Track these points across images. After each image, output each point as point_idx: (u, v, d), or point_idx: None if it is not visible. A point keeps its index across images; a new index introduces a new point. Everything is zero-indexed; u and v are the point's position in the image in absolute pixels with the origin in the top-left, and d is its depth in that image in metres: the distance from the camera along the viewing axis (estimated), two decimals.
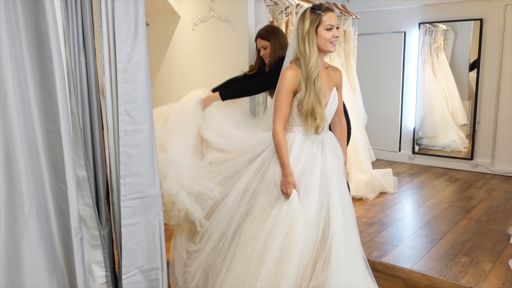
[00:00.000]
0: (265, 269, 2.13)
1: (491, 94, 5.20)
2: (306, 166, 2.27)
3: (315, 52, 2.21)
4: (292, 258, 2.13)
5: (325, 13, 2.21)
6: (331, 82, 2.37)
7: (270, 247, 2.15)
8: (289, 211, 2.19)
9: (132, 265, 2.06)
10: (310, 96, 2.20)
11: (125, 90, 1.96)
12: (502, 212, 3.90)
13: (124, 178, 1.99)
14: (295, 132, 2.31)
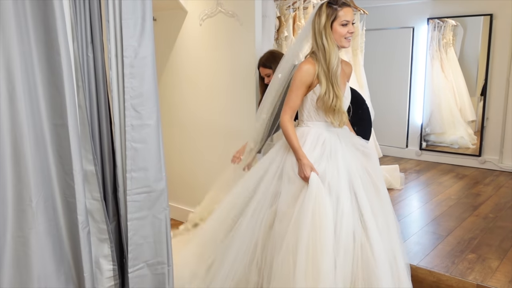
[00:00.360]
0: (300, 264, 2.07)
1: (500, 90, 5.15)
2: (329, 155, 2.25)
3: (335, 47, 2.20)
4: (324, 245, 2.06)
5: (342, 8, 2.19)
6: (344, 76, 2.37)
7: (300, 237, 2.09)
8: (311, 193, 2.14)
9: (138, 258, 2.07)
10: (333, 91, 2.19)
11: (131, 85, 1.96)
12: (510, 209, 3.87)
13: (131, 172, 2.00)
14: (310, 126, 2.31)
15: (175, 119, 3.82)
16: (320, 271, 2.05)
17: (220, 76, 3.45)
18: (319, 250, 2.07)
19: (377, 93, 5.58)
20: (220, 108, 3.49)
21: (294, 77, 2.26)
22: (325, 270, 2.05)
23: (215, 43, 3.42)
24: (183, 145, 3.82)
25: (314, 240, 2.09)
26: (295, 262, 2.09)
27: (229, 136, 3.46)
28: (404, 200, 4.19)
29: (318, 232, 2.09)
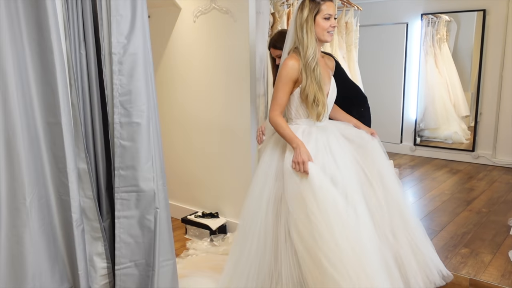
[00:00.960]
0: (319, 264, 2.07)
1: (493, 85, 5.18)
2: (324, 150, 2.24)
3: (313, 40, 2.21)
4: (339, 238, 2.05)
5: (324, 2, 2.21)
6: (328, 70, 2.39)
7: (314, 233, 2.07)
8: (312, 180, 2.12)
9: (126, 257, 2.05)
10: (313, 84, 2.20)
11: (120, 82, 1.96)
12: (503, 203, 3.91)
13: (119, 170, 2.00)
14: (299, 124, 2.31)
15: (169, 117, 3.82)
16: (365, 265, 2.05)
17: (214, 72, 3.45)
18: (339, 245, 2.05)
19: (371, 88, 5.58)
20: (215, 105, 3.49)
21: (279, 73, 2.25)
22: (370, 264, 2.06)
23: (209, 40, 3.42)
24: (177, 143, 3.82)
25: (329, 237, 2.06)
26: (314, 262, 2.07)
27: (225, 133, 3.46)
28: None
29: (334, 226, 2.06)
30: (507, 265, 2.75)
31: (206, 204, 3.68)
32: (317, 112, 2.23)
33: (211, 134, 3.56)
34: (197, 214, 3.55)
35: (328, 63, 2.42)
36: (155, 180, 2.03)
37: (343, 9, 4.58)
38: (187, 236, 3.51)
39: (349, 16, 4.60)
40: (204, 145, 3.63)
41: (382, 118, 5.89)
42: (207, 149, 3.61)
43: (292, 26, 2.29)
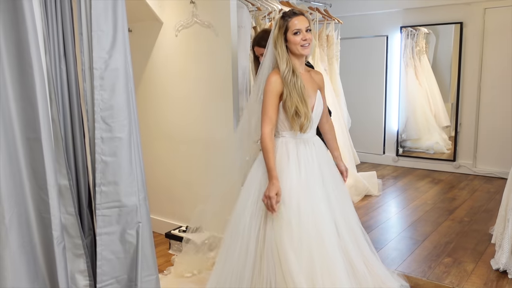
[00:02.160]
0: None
1: (472, 96, 5.29)
2: (307, 168, 2.31)
3: (284, 55, 2.28)
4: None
5: (291, 18, 2.28)
6: (314, 84, 2.42)
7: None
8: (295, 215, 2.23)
9: (107, 274, 2.02)
10: (293, 97, 2.25)
11: (101, 97, 1.95)
12: (484, 212, 3.96)
13: (100, 186, 1.98)
14: (286, 137, 2.35)
15: (152, 130, 3.80)
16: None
17: (197, 86, 3.45)
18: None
19: (353, 100, 5.66)
20: (198, 118, 3.49)
21: (264, 90, 2.30)
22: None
23: (191, 54, 3.42)
24: (161, 156, 3.80)
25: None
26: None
27: (207, 147, 3.46)
28: (382, 206, 4.25)
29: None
30: (489, 273, 2.78)
31: (190, 218, 3.64)
32: (300, 123, 2.27)
33: (194, 148, 3.55)
34: (181, 229, 3.52)
35: (314, 77, 2.45)
36: (137, 194, 2.02)
37: (324, 23, 4.65)
38: (170, 251, 3.47)
39: (330, 29, 4.67)
40: (187, 158, 3.61)
41: (365, 129, 5.96)
42: (190, 162, 3.60)
43: (270, 43, 2.36)
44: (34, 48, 1.81)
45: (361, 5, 5.76)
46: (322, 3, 4.67)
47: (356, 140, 5.40)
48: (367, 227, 3.66)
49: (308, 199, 2.25)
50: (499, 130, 5.09)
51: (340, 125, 4.58)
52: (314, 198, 2.27)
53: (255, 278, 2.24)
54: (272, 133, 2.30)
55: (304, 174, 2.29)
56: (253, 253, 2.26)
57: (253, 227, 2.28)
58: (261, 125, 2.30)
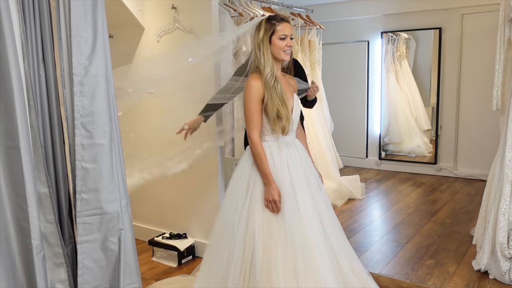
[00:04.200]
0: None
1: (451, 99, 5.38)
2: (292, 170, 2.32)
3: (269, 59, 2.28)
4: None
5: (279, 23, 2.29)
6: (290, 87, 2.45)
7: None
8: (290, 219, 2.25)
9: (88, 283, 1.99)
10: (274, 100, 2.26)
11: (81, 103, 1.92)
12: (465, 214, 4.02)
13: (81, 193, 1.95)
14: (268, 141, 2.35)
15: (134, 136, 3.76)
16: None
17: (179, 92, 3.43)
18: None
19: (336, 105, 5.71)
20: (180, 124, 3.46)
21: (245, 95, 2.30)
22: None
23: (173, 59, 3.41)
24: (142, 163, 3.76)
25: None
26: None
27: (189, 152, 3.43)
28: (365, 209, 4.27)
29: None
30: (471, 274, 2.82)
31: (174, 225, 3.62)
32: (282, 126, 2.29)
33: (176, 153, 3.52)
34: (165, 236, 3.49)
35: (290, 82, 2.47)
36: (118, 201, 1.99)
37: (306, 28, 4.68)
38: (154, 258, 3.44)
39: (312, 35, 4.70)
40: None
41: (347, 133, 6.01)
42: None
43: (253, 46, 2.36)
44: (12, 54, 1.78)
45: (342, 11, 5.82)
46: (304, 9, 4.70)
47: (339, 144, 5.43)
48: (351, 230, 3.68)
49: (294, 201, 2.26)
50: (479, 133, 5.18)
51: (323, 129, 4.60)
52: (300, 200, 2.27)
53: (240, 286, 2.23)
54: (260, 138, 2.31)
55: (289, 176, 2.29)
56: (240, 256, 2.24)
57: (240, 234, 2.27)
58: (248, 132, 2.30)
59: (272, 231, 2.21)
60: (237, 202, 2.32)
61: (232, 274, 2.24)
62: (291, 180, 2.29)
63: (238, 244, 2.25)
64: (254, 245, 2.20)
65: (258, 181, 2.29)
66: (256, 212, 2.25)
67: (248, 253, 2.23)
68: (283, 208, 2.24)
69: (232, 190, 2.38)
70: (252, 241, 2.22)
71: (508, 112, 2.71)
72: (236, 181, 2.37)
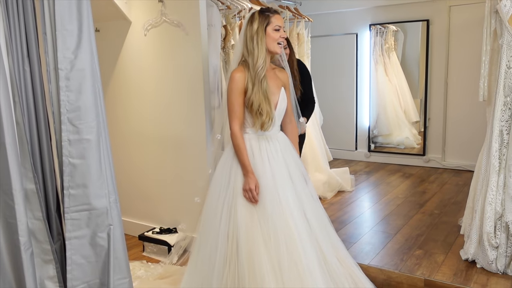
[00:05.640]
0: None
1: (439, 91, 5.42)
2: (272, 163, 2.32)
3: (263, 51, 2.28)
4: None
5: (274, 14, 2.30)
6: (279, 82, 2.43)
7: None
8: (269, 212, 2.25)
9: (78, 279, 1.97)
10: (258, 94, 2.26)
11: (68, 98, 1.90)
12: (453, 204, 4.06)
13: (68, 189, 1.93)
14: (249, 133, 2.36)
15: (122, 131, 3.74)
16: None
17: (168, 86, 3.41)
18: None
19: (325, 98, 5.72)
20: (169, 118, 3.46)
21: (228, 87, 2.32)
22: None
23: (161, 53, 3.39)
24: (131, 158, 3.74)
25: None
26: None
27: (179, 146, 3.43)
28: (355, 201, 4.30)
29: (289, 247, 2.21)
30: (459, 264, 2.85)
31: (164, 219, 3.61)
32: (261, 121, 2.29)
33: (166, 148, 3.51)
34: (155, 230, 3.48)
35: (279, 75, 2.46)
36: (107, 197, 1.98)
37: (294, 21, 4.67)
38: (144, 253, 3.43)
39: (301, 28, 4.70)
40: (159, 158, 3.58)
41: (337, 126, 6.03)
42: (162, 163, 3.56)
43: (240, 39, 2.34)
44: None
45: (331, 3, 5.82)
46: (292, 2, 4.69)
47: (329, 137, 5.46)
48: (341, 222, 3.70)
49: (275, 193, 2.27)
50: (466, 125, 5.23)
51: (312, 122, 4.61)
52: (281, 192, 2.28)
53: (225, 275, 2.26)
54: (241, 130, 2.33)
55: (270, 169, 2.31)
56: (225, 245, 2.28)
57: (223, 223, 2.30)
58: (229, 123, 2.32)
59: (254, 222, 2.24)
60: (219, 192, 2.36)
61: (218, 262, 2.27)
62: (272, 172, 2.30)
63: (222, 233, 2.28)
64: (237, 235, 2.23)
65: (239, 172, 2.32)
66: (238, 203, 2.28)
67: (232, 242, 2.26)
68: (265, 200, 2.25)
69: (215, 181, 2.41)
70: (235, 230, 2.25)
71: (494, 103, 2.74)
72: (219, 172, 2.40)
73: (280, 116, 2.43)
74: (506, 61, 2.66)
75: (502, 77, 2.68)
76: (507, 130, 2.70)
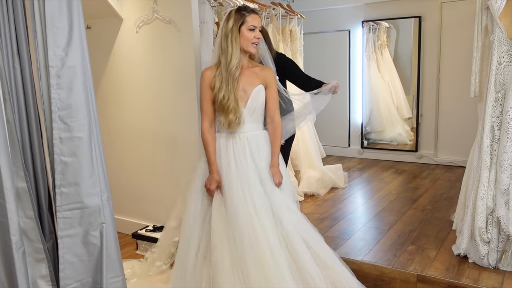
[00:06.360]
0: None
1: (431, 88, 5.45)
2: (238, 163, 2.33)
3: (237, 49, 2.27)
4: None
5: (249, 14, 2.28)
6: (256, 79, 2.37)
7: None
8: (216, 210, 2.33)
9: (71, 278, 1.97)
10: (226, 92, 2.26)
11: (58, 96, 1.89)
12: (445, 200, 4.09)
13: (60, 188, 1.92)
14: (220, 131, 2.39)
15: (114, 129, 3.72)
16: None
17: (160, 83, 3.40)
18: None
19: None
20: (161, 115, 3.45)
21: (200, 85, 2.39)
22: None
23: (153, 50, 3.37)
24: (124, 155, 3.73)
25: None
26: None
27: (172, 144, 3.42)
28: (348, 198, 4.31)
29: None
30: (451, 259, 2.87)
31: (157, 217, 3.60)
32: (228, 119, 2.30)
33: (158, 145, 3.50)
34: (148, 228, 3.47)
35: (259, 73, 2.39)
36: (99, 195, 1.97)
37: (287, 18, 4.66)
38: (138, 251, 3.42)
39: (293, 24, 4.69)
40: (152, 156, 3.56)
41: (330, 123, 6.03)
42: (155, 160, 3.55)
43: (218, 37, 2.35)
44: None
45: (323, 0, 5.82)
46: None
47: (322, 134, 5.46)
48: (334, 218, 3.71)
49: (241, 193, 2.28)
50: (458, 121, 5.26)
51: None
52: (247, 193, 2.27)
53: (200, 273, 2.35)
54: (210, 128, 2.37)
55: (236, 169, 2.31)
56: (196, 248, 2.36)
57: (198, 223, 2.39)
58: (201, 121, 2.39)
59: (223, 222, 2.28)
60: (198, 193, 2.43)
61: (191, 252, 2.37)
62: (238, 172, 2.31)
63: (198, 227, 2.38)
64: (211, 234, 2.31)
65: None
66: (213, 203, 2.34)
67: (207, 241, 2.34)
68: (228, 200, 2.29)
69: (195, 177, 2.47)
70: (209, 230, 2.33)
71: (485, 99, 2.75)
72: (199, 169, 2.46)
73: (252, 114, 2.37)
74: (497, 57, 2.68)
75: (493, 73, 2.70)
76: (498, 126, 2.71)
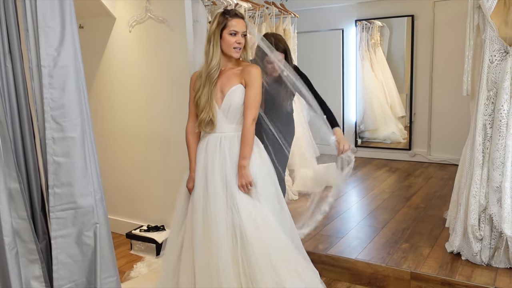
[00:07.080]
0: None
1: (424, 86, 5.47)
2: (209, 166, 2.34)
3: (217, 53, 2.27)
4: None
5: (232, 18, 2.26)
6: (235, 78, 2.32)
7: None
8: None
9: (65, 278, 1.96)
10: (201, 93, 2.29)
11: (51, 96, 1.88)
12: (438, 198, 4.11)
13: (53, 188, 1.91)
14: (203, 132, 2.42)
15: (107, 130, 3.71)
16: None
17: (153, 82, 3.39)
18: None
19: None
20: (155, 115, 3.44)
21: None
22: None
23: (146, 50, 3.36)
24: (118, 155, 3.72)
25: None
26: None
27: (165, 143, 3.41)
28: (342, 196, 4.33)
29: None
30: (444, 256, 2.89)
31: (151, 217, 3.60)
32: (199, 119, 2.33)
33: (152, 145, 3.50)
34: (142, 228, 3.46)
35: (239, 72, 2.31)
36: (93, 195, 1.96)
37: (280, 17, 4.66)
38: (132, 251, 3.41)
39: (287, 23, 4.69)
40: (145, 156, 3.55)
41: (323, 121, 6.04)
42: (149, 160, 3.54)
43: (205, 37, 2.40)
44: None
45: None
46: None
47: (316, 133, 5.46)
48: (328, 217, 3.72)
49: (200, 200, 2.31)
50: (451, 119, 5.29)
51: (299, 118, 4.62)
52: (211, 196, 2.27)
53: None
54: (192, 128, 2.41)
55: (204, 171, 2.33)
56: (179, 247, 2.42)
57: (180, 225, 2.47)
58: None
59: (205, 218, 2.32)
60: (183, 190, 2.51)
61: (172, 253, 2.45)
62: (206, 176, 2.32)
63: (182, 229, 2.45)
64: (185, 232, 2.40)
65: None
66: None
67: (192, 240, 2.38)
68: (193, 205, 2.35)
69: (183, 180, 2.52)
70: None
71: (477, 97, 2.77)
72: (187, 172, 2.51)
73: (227, 115, 2.31)
74: (489, 55, 2.70)
75: (485, 72, 2.72)
76: (490, 124, 2.73)
